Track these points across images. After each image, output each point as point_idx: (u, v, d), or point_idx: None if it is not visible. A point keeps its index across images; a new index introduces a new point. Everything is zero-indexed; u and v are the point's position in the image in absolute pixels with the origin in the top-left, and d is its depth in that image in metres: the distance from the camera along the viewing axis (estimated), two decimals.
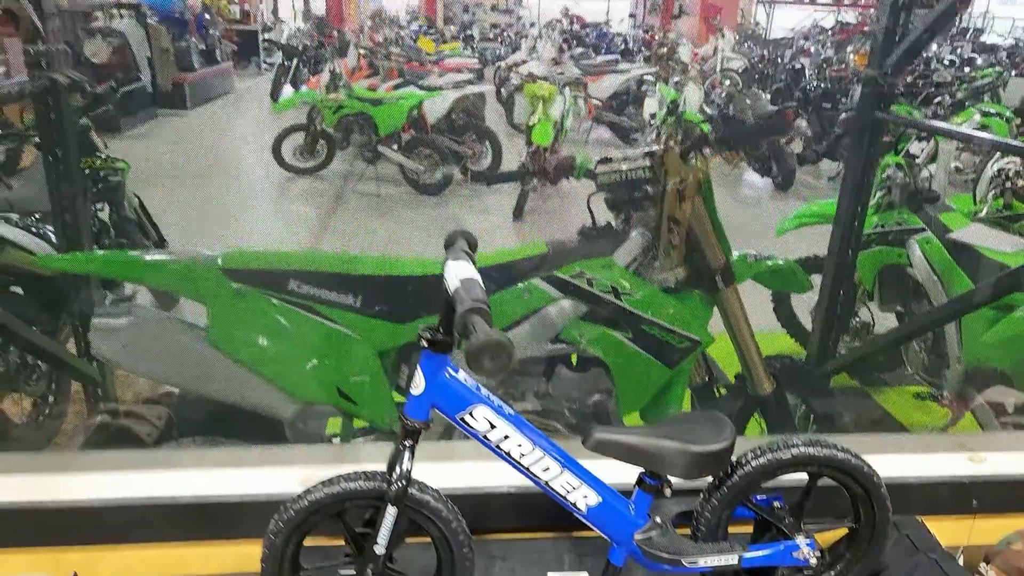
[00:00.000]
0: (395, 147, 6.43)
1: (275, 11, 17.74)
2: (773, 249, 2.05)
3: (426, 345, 1.02)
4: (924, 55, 9.44)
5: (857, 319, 3.07)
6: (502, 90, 11.14)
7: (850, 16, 17.35)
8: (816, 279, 2.46)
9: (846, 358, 2.59)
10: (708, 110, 7.13)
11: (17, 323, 2.15)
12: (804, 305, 3.19)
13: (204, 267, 1.62)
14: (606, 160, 1.74)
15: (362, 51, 8.18)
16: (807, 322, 3.31)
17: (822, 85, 8.19)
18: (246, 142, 8.76)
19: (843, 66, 9.48)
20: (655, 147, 1.68)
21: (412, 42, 12.37)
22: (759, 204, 6.88)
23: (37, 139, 2.18)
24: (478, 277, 0.97)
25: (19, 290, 2.67)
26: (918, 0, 2.22)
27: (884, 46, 2.26)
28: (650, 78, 9.35)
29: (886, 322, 3.11)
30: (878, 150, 2.40)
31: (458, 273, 0.97)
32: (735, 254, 1.84)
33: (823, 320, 2.53)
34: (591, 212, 1.78)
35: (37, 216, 2.71)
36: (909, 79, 7.01)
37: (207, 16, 11.19)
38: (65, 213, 2.22)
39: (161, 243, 3.78)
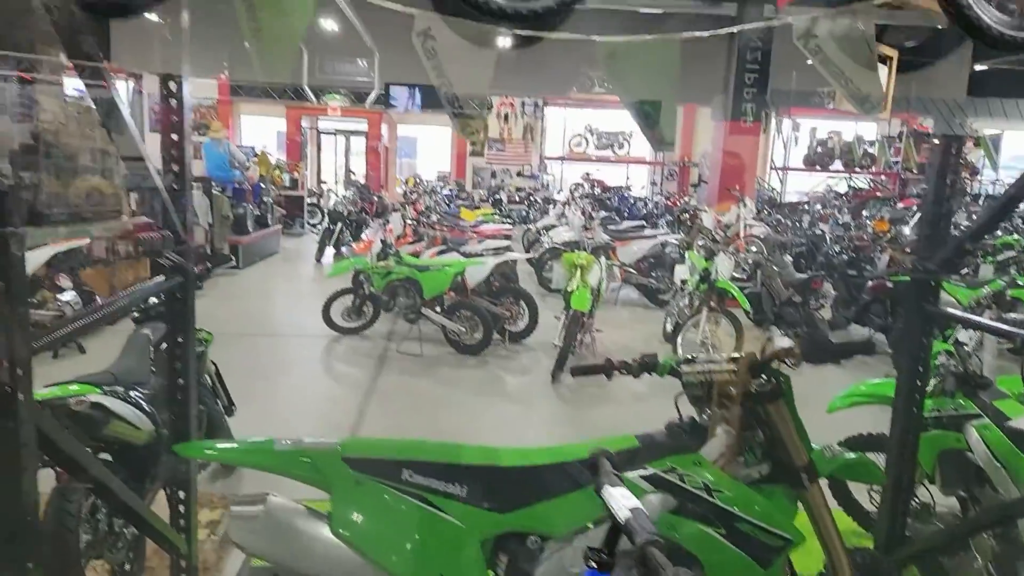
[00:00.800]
0: (438, 309, 6.74)
1: (319, 178, 19.10)
2: (822, 425, 2.11)
3: (595, 567, 1.13)
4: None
5: (916, 500, 3.09)
6: (531, 250, 11.74)
7: (862, 181, 18.26)
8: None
9: (916, 546, 2.60)
10: (737, 275, 7.45)
11: (123, 488, 2.26)
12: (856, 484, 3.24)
13: (327, 456, 1.77)
14: (691, 360, 1.91)
15: (410, 222, 8.75)
16: (863, 500, 3.34)
17: (845, 253, 8.54)
18: (293, 300, 9.18)
19: (862, 234, 9.93)
20: (738, 353, 1.85)
21: (448, 206, 13.18)
22: (799, 372, 6.96)
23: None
24: (642, 505, 1.09)
25: (107, 456, 2.80)
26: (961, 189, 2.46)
27: (931, 236, 2.47)
28: (674, 242, 9.86)
29: (946, 502, 3.12)
30: (931, 340, 2.56)
31: (625, 502, 1.09)
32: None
33: (890, 505, 2.57)
34: (678, 409, 1.92)
35: (138, 388, 2.90)
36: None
37: (262, 185, 12.11)
38: (177, 393, 2.41)
39: (231, 408, 3.95)
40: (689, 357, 1.93)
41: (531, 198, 18.57)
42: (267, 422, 4.53)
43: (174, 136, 2.29)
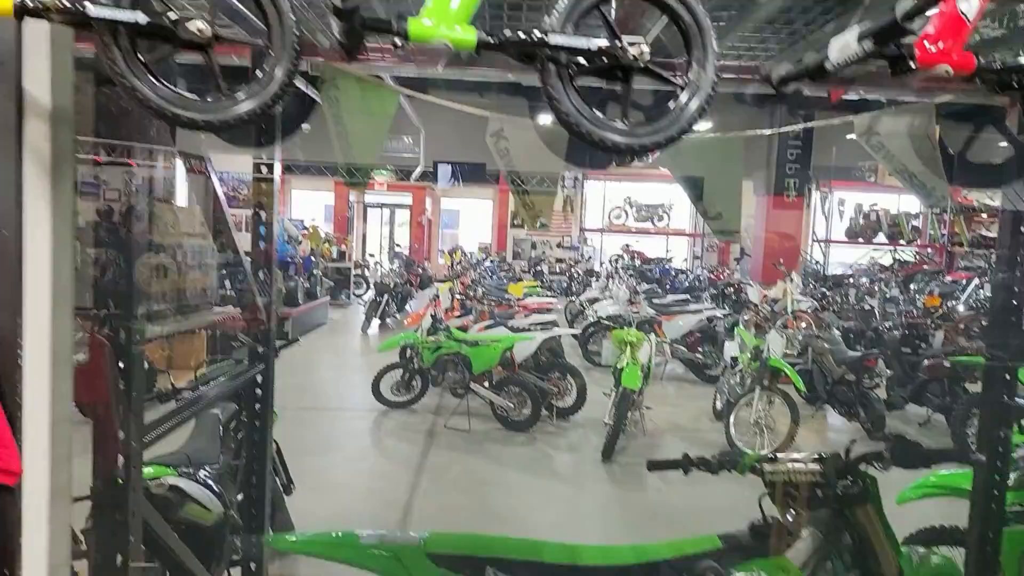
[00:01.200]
0: (486, 384, 6.77)
1: (365, 250, 19.60)
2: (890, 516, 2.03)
3: None
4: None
5: None
6: (575, 323, 11.79)
7: (907, 254, 18.02)
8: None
9: None
10: (787, 350, 7.33)
11: (202, 570, 2.28)
12: None
13: (411, 552, 1.79)
14: (772, 459, 1.91)
15: (457, 296, 8.89)
16: None
17: (897, 330, 8.38)
18: (342, 373, 9.31)
19: (914, 309, 9.75)
20: (823, 452, 1.84)
21: (491, 278, 13.37)
22: None
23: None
24: None
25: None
26: None
27: (1003, 322, 2.43)
28: (720, 317, 9.81)
29: None
30: (1010, 432, 2.50)
31: None
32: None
33: None
34: (762, 510, 1.91)
35: (207, 468, 2.97)
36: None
37: (312, 259, 12.49)
38: (252, 476, 2.47)
39: (289, 487, 3.99)
40: (771, 455, 1.92)
41: (572, 270, 18.72)
42: (321, 500, 4.55)
43: (262, 222, 2.42)
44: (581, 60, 1.74)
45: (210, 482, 2.93)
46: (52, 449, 1.45)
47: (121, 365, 1.50)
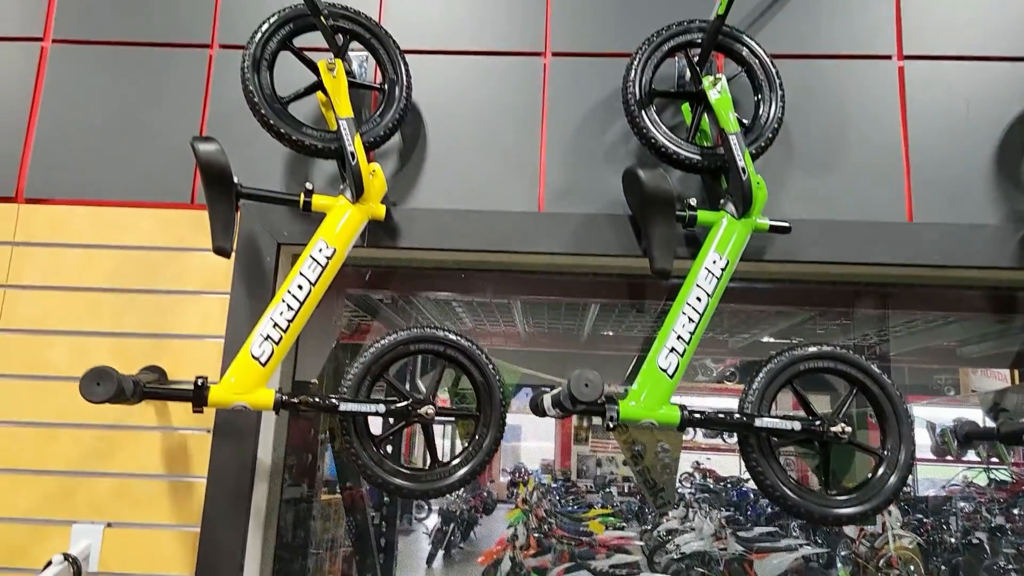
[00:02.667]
0: None
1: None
2: None
3: None
4: None
5: None
6: (655, 556, 11.05)
7: (1003, 472, 16.80)
8: None
9: None
10: None
11: None
12: None
13: None
14: None
15: (534, 534, 8.58)
16: None
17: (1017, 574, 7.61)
18: None
19: None
20: None
21: (560, 503, 12.89)
22: None
23: None
24: None
25: None
26: None
27: None
28: (814, 553, 9.08)
29: None
30: None
31: None
32: None
33: None
34: None
35: None
36: None
37: None
38: None
39: None
40: None
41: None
42: None
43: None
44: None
45: None
46: None
47: None
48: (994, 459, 16.94)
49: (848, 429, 1.96)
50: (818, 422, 1.97)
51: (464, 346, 2.07)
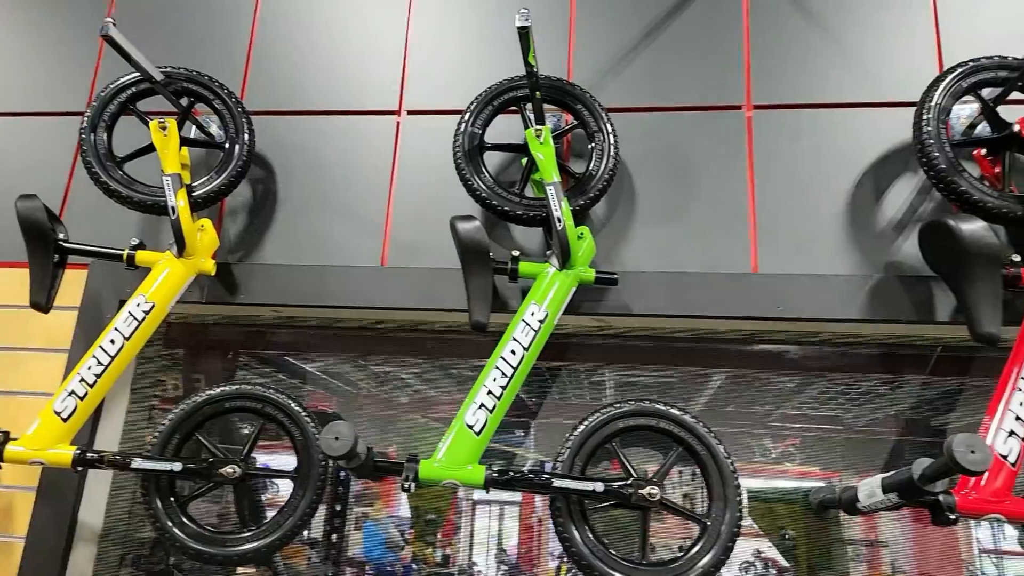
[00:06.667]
0: None
1: (472, 553, 18.78)
2: None
3: None
4: None
5: None
6: None
7: None
8: None
9: None
10: None
11: None
12: None
13: None
14: None
15: None
16: None
17: None
18: None
19: None
20: None
21: None
22: None
23: None
24: None
25: None
26: None
27: None
28: None
29: None
30: None
31: None
32: None
33: None
34: None
35: None
36: None
37: (413, 566, 12.04)
38: None
39: None
40: None
41: None
42: None
43: None
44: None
45: None
46: None
47: None
48: None
49: (656, 491, 1.79)
50: (624, 484, 1.82)
51: (283, 404, 2.04)
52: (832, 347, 2.45)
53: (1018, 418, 1.69)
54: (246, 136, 2.30)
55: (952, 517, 1.61)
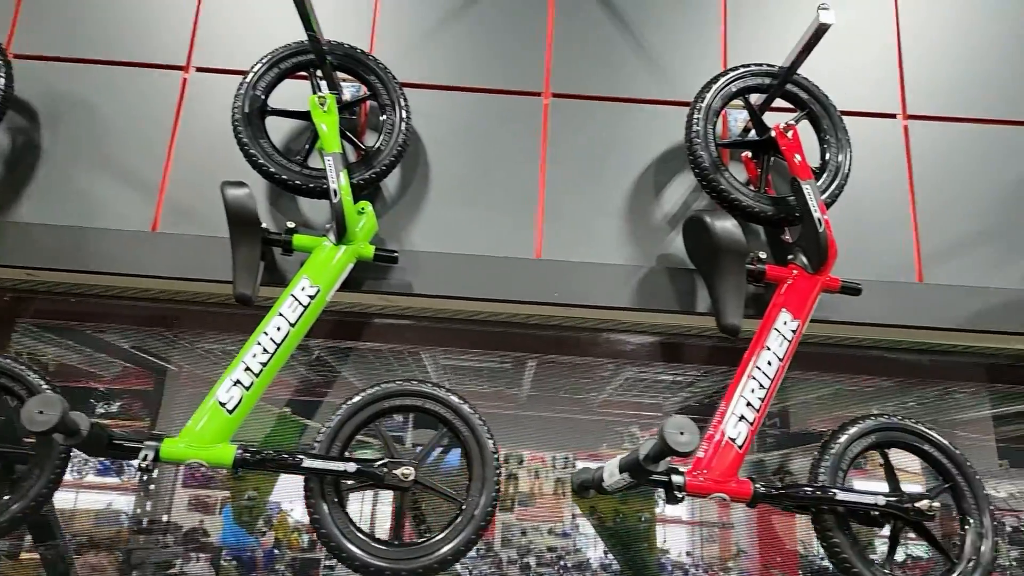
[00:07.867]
0: None
1: None
2: None
3: None
4: None
5: None
6: None
7: None
8: None
9: None
10: None
11: None
12: None
13: None
14: None
15: None
16: None
17: None
18: None
19: None
20: None
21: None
22: None
23: None
24: None
25: None
26: None
27: None
28: None
29: None
30: None
31: None
32: None
33: None
34: None
35: None
36: None
37: (276, 551, 11.68)
38: None
39: None
40: None
41: (562, 561, 17.33)
42: None
43: None
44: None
45: None
46: None
47: None
48: None
49: (410, 471, 1.76)
50: (379, 464, 1.78)
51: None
52: (627, 335, 2.49)
53: (748, 404, 1.77)
54: (1, 79, 2.08)
55: (679, 496, 1.67)
